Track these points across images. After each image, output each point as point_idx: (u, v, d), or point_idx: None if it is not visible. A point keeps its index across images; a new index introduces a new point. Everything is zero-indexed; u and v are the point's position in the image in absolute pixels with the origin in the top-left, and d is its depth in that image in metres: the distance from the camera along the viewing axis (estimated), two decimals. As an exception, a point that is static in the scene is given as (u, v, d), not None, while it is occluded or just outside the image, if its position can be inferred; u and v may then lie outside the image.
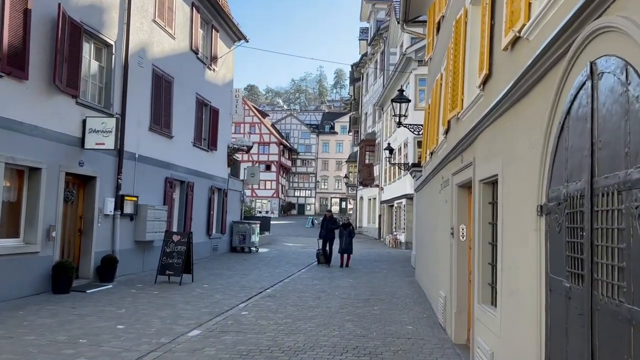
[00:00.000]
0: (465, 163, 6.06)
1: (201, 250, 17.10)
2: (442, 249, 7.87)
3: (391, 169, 29.16)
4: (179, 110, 15.12)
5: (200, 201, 17.03)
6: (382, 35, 33.73)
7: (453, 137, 7.37)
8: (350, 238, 16.31)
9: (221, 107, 18.60)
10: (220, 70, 18.72)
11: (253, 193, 67.03)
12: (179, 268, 11.47)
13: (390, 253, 22.45)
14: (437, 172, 8.88)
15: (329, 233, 16.51)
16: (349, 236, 16.30)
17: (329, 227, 16.53)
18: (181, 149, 15.44)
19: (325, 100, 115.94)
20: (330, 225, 16.57)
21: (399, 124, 13.47)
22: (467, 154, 5.99)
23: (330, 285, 12.06)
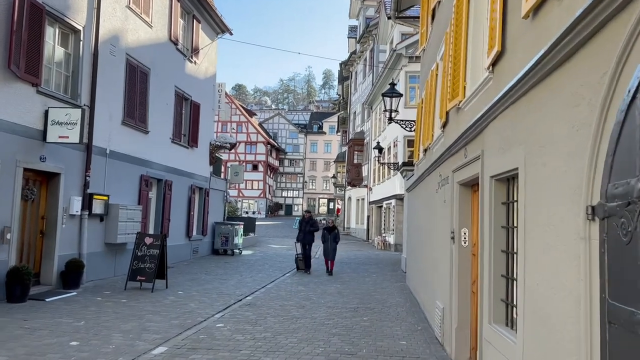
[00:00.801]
0: (470, 158, 5.25)
1: (180, 253, 16.17)
2: (440, 254, 7.06)
3: (380, 168, 28.40)
4: (156, 103, 14.18)
5: (180, 201, 16.09)
6: (372, 33, 32.97)
7: (453, 130, 6.57)
8: (335, 243, 14.81)
9: (203, 101, 17.66)
10: (202, 64, 17.79)
11: (240, 193, 66.00)
12: (151, 273, 10.55)
13: (379, 255, 21.67)
14: (433, 169, 8.08)
15: (308, 236, 14.86)
16: (333, 241, 14.78)
17: (308, 229, 14.92)
18: (158, 145, 14.49)
19: (314, 100, 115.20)
20: (309, 227, 14.93)
21: (390, 119, 12.68)
22: (473, 147, 5.18)
23: (316, 292, 11.21)
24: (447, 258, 6.43)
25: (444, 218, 6.81)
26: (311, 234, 14.89)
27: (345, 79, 43.96)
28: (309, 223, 14.98)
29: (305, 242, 14.85)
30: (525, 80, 3.39)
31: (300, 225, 15.37)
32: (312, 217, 15.39)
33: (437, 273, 7.29)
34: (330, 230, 15.01)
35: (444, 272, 6.64)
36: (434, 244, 7.76)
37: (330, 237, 14.77)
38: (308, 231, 14.81)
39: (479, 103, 5.18)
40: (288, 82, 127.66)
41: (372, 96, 30.64)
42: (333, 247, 14.72)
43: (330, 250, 14.63)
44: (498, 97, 3.99)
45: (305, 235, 14.81)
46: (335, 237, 14.87)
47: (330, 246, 14.68)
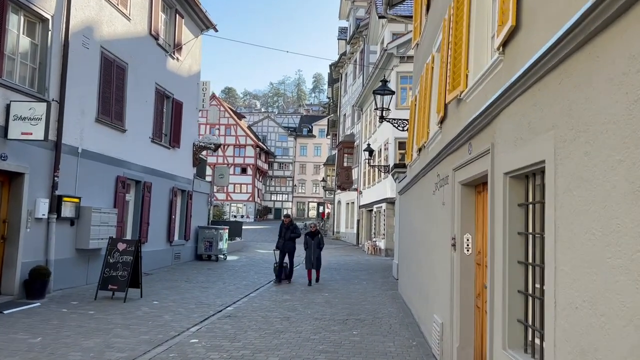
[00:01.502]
0: (475, 153, 4.57)
1: (160, 259, 15.36)
2: (438, 263, 6.37)
3: (370, 171, 27.75)
4: (134, 100, 13.39)
5: (160, 204, 15.27)
6: (362, 33, 32.38)
7: (453, 125, 5.90)
8: (319, 250, 13.27)
9: (186, 100, 16.89)
10: (186, 61, 17.02)
11: (228, 197, 65.09)
12: (124, 282, 9.75)
13: (370, 261, 20.98)
14: (429, 169, 7.40)
15: (288, 243, 13.28)
16: (317, 247, 13.20)
17: (288, 235, 13.35)
18: (137, 145, 13.69)
19: (304, 103, 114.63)
20: (289, 233, 13.37)
21: (382, 118, 12.01)
22: (479, 141, 4.50)
23: (303, 301, 10.47)
24: (446, 267, 5.74)
25: (442, 222, 6.12)
26: (292, 240, 13.36)
27: (335, 81, 43.35)
28: (289, 229, 13.44)
29: (286, 249, 13.29)
30: (555, 51, 2.71)
31: (279, 231, 13.69)
32: (293, 222, 13.81)
33: (434, 283, 6.60)
34: (313, 236, 13.38)
35: (443, 283, 5.94)
36: (430, 251, 7.06)
37: (314, 243, 13.18)
38: (288, 238, 13.29)
39: (485, 91, 4.51)
40: (278, 85, 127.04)
41: (363, 97, 30.02)
42: (317, 254, 13.19)
43: (314, 258, 13.08)
44: (515, 78, 3.30)
45: (285, 242, 13.25)
46: (318, 242, 13.26)
47: (313, 253, 13.12)
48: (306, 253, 13.30)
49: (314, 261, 13.04)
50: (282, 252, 13.30)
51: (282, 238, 13.36)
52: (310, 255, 13.10)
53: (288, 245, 13.29)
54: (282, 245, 13.29)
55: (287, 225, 13.53)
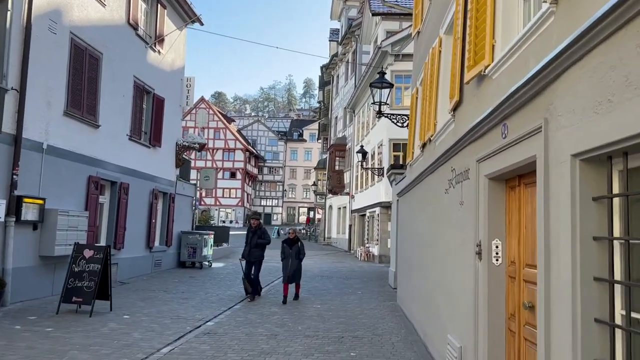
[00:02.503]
0: (514, 136, 3.57)
1: (139, 267, 14.21)
2: (454, 273, 5.36)
3: (363, 175, 26.78)
4: (109, 94, 12.28)
5: (138, 207, 14.14)
6: (354, 33, 31.49)
7: (474, 108, 4.92)
8: (298, 260, 11.16)
9: (168, 96, 15.80)
10: (168, 55, 15.95)
11: (217, 201, 63.89)
12: (90, 293, 8.62)
13: (363, 268, 19.94)
14: (440, 164, 6.40)
15: (254, 251, 11.07)
16: (296, 257, 11.11)
17: (255, 241, 11.08)
18: (112, 142, 12.58)
19: (295, 108, 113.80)
20: (256, 239, 11.11)
21: (380, 113, 11.02)
22: (522, 119, 3.50)
23: (293, 315, 9.40)
24: (467, 280, 4.72)
25: (460, 225, 5.11)
26: (259, 248, 11.13)
27: (327, 83, 42.44)
28: (257, 234, 11.16)
29: (251, 259, 11.08)
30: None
31: (246, 237, 11.40)
32: (261, 226, 11.52)
33: (448, 298, 5.57)
34: (292, 243, 11.21)
35: (462, 299, 4.92)
36: (441, 259, 6.04)
37: (292, 252, 11.05)
38: (255, 244, 11.05)
39: (525, 57, 3.53)
40: (268, 90, 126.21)
41: (355, 99, 29.08)
42: (296, 266, 11.05)
43: (292, 270, 10.98)
44: (602, 14, 2.30)
45: (251, 249, 11.06)
46: (298, 252, 11.13)
47: (291, 265, 10.97)
48: (283, 264, 11.18)
49: (291, 274, 10.96)
50: (247, 262, 11.17)
51: (249, 245, 11.14)
52: (287, 266, 11.03)
53: (254, 253, 11.07)
54: (247, 254, 11.15)
55: (254, 229, 11.26)
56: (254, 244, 11.07)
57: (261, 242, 11.18)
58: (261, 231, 11.28)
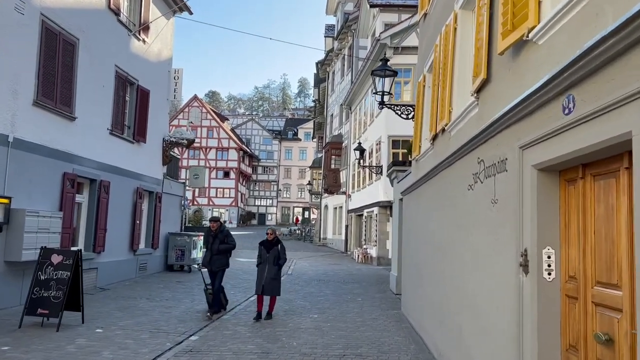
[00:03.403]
0: (589, 109, 2.62)
1: (121, 271, 13.21)
2: (483, 288, 4.42)
3: (360, 173, 25.84)
4: (87, 83, 11.27)
5: (121, 206, 13.13)
6: (351, 27, 30.55)
7: (512, 83, 3.99)
8: (277, 267, 9.07)
9: (154, 89, 14.78)
10: (154, 44, 14.93)
11: (210, 201, 62.79)
12: (58, 304, 7.62)
13: (361, 270, 18.99)
14: (460, 157, 5.45)
15: (216, 258, 9.30)
16: (274, 263, 9.03)
17: (216, 247, 9.33)
18: (91, 137, 11.57)
19: (289, 107, 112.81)
20: (218, 243, 9.33)
21: (382, 104, 10.07)
22: (608, 85, 2.55)
23: (286, 327, 8.43)
24: (505, 298, 3.78)
25: (493, 230, 4.16)
26: (223, 254, 9.38)
27: (322, 81, 41.43)
28: (218, 237, 9.37)
29: (214, 267, 9.31)
30: None
31: (205, 241, 9.74)
32: (224, 227, 9.68)
33: (476, 319, 4.63)
34: (270, 246, 9.16)
35: (496, 321, 3.98)
36: (465, 269, 5.09)
37: (270, 257, 9.03)
38: (217, 250, 9.31)
39: (603, 1, 2.59)
40: (263, 89, 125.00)
41: (352, 95, 28.15)
42: (273, 273, 8.97)
43: (268, 278, 8.91)
44: None
45: (212, 256, 9.30)
46: (277, 256, 9.07)
47: (267, 272, 8.94)
48: (258, 270, 9.13)
49: (267, 282, 8.90)
50: (209, 272, 9.46)
51: (209, 251, 9.40)
52: (262, 274, 8.99)
53: (217, 261, 9.27)
54: (209, 261, 9.37)
55: (214, 233, 9.44)
56: (215, 250, 9.31)
57: (224, 247, 9.38)
58: (223, 234, 9.46)
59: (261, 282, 8.97)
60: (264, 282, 8.93)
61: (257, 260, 9.33)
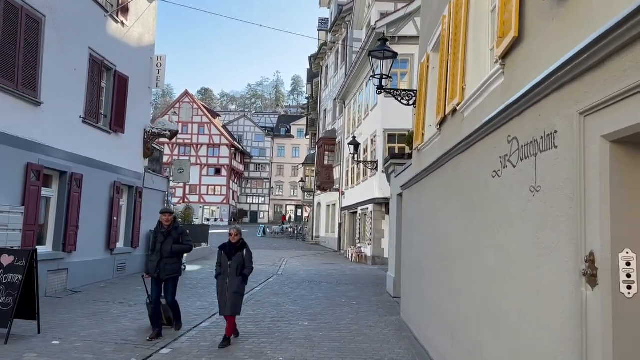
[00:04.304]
0: None
1: (97, 272, 12.18)
2: (517, 300, 3.46)
3: (355, 169, 24.89)
4: (56, 65, 10.24)
5: (96, 202, 12.09)
6: (345, 19, 29.57)
7: (554, 38, 3.04)
8: (241, 278, 6.96)
9: (134, 75, 13.73)
10: (135, 28, 13.88)
11: (201, 199, 61.67)
12: (6, 312, 6.61)
13: (355, 271, 18.05)
14: (480, 137, 4.49)
15: (168, 262, 7.34)
16: (237, 273, 6.93)
17: (168, 248, 7.37)
18: (61, 125, 10.54)
19: (282, 105, 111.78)
20: (171, 244, 7.39)
21: (380, 88, 9.11)
22: None
23: (273, 338, 7.45)
24: (558, 316, 2.82)
25: (534, 226, 3.20)
26: (176, 258, 7.48)
27: (315, 75, 40.45)
28: (171, 235, 7.42)
29: (162, 275, 7.32)
30: None
31: (153, 241, 7.67)
32: (178, 224, 7.80)
33: (504, 337, 3.67)
34: (233, 251, 6.99)
35: (543, 346, 3.01)
36: (488, 275, 4.14)
37: (232, 266, 6.90)
38: (169, 253, 7.33)
39: None
40: (256, 87, 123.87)
41: (346, 88, 27.21)
42: (236, 286, 6.87)
43: (230, 292, 6.83)
44: None
45: (162, 259, 7.29)
46: (241, 264, 6.95)
47: (229, 285, 6.85)
48: (218, 282, 7.00)
49: (228, 297, 6.82)
50: (156, 280, 7.38)
51: (159, 253, 7.34)
52: (223, 287, 6.88)
53: (167, 266, 7.31)
54: (155, 267, 7.32)
55: (167, 229, 7.45)
56: (167, 252, 7.30)
57: (178, 248, 7.43)
58: (178, 232, 7.51)
59: (224, 300, 6.85)
60: (226, 297, 6.84)
61: (215, 269, 7.10)
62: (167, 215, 7.62)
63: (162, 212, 7.77)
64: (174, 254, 7.45)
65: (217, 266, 7.13)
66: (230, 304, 6.83)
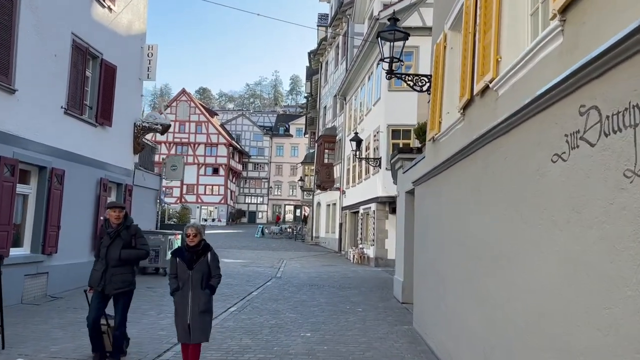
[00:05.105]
0: None
1: (81, 276, 11.03)
2: (597, 321, 2.55)
3: (356, 167, 24.01)
4: (33, 50, 9.34)
5: (80, 200, 11.19)
6: (345, 13, 28.70)
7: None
8: (206, 295, 5.21)
9: (122, 65, 12.82)
10: (124, 15, 12.98)
11: (198, 199, 60.74)
12: (-37, 327, 5.71)
13: (358, 273, 17.16)
14: (530, 115, 3.60)
15: (118, 271, 5.68)
16: (202, 286, 5.19)
17: (115, 254, 5.66)
18: (39, 115, 9.63)
19: (281, 104, 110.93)
20: (120, 246, 5.70)
21: (391, 72, 8.21)
22: None
23: (272, 354, 6.54)
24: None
25: (627, 226, 2.30)
26: (127, 267, 5.81)
27: (315, 72, 39.55)
28: (121, 236, 5.75)
29: (109, 289, 5.71)
30: None
31: (97, 246, 5.92)
32: (130, 222, 5.94)
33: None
34: (194, 258, 5.25)
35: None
36: (545, 288, 3.24)
37: (194, 277, 5.18)
38: (116, 261, 5.67)
39: None
40: (254, 86, 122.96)
41: (347, 84, 26.34)
42: (203, 304, 5.18)
43: (195, 311, 5.15)
44: None
45: (109, 269, 5.67)
46: (205, 273, 5.25)
47: (192, 302, 5.15)
48: (175, 300, 5.29)
49: (190, 322, 5.15)
50: (100, 295, 5.74)
51: (104, 260, 5.69)
52: (184, 306, 5.17)
53: (116, 277, 5.67)
54: (100, 278, 5.67)
55: (115, 229, 5.76)
56: (114, 258, 5.63)
57: (129, 254, 5.73)
58: (129, 232, 5.79)
59: (185, 322, 5.13)
60: (189, 320, 5.12)
61: (170, 283, 5.29)
62: (117, 210, 5.83)
63: (109, 207, 6.04)
64: (123, 261, 5.70)
65: (171, 279, 5.28)
66: (198, 328, 5.13)
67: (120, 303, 5.84)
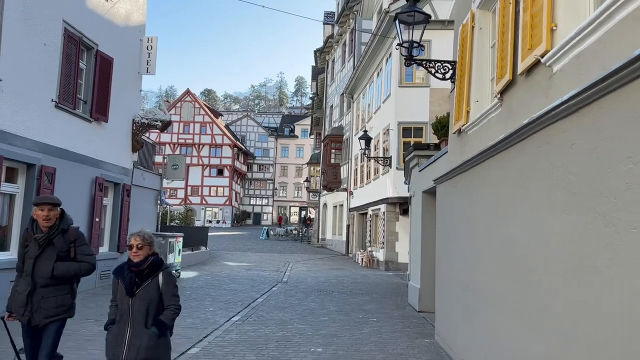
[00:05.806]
0: None
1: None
2: None
3: (364, 167, 23.21)
4: (20, 39, 8.60)
5: (73, 200, 10.39)
6: (353, 9, 27.94)
7: None
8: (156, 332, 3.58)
9: (120, 57, 12.08)
10: (122, 4, 12.24)
11: (203, 200, 60.07)
12: None
13: (368, 277, 16.34)
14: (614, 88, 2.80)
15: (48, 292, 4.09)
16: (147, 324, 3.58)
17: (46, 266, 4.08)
18: (26, 108, 8.90)
19: (286, 105, 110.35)
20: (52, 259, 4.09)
21: (410, 58, 7.40)
22: None
23: (279, 372, 5.77)
24: None
25: None
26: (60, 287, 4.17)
27: (320, 72, 38.78)
28: (51, 243, 4.13)
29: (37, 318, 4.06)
30: None
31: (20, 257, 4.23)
32: (68, 223, 4.31)
33: None
34: (136, 279, 3.71)
35: None
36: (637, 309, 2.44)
37: (135, 305, 3.63)
38: (46, 279, 4.08)
39: None
40: (259, 88, 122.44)
41: (354, 81, 25.56)
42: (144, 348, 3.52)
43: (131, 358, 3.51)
44: None
45: (36, 290, 4.08)
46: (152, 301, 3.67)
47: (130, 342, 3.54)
48: (106, 337, 3.73)
49: None
50: (30, 330, 4.15)
51: (29, 277, 4.10)
52: (119, 346, 3.57)
53: (46, 302, 4.09)
54: (24, 304, 4.08)
55: (47, 233, 4.15)
56: (43, 275, 4.11)
57: (64, 270, 4.14)
58: (67, 238, 4.25)
59: None
60: None
61: (109, 312, 3.83)
62: (47, 209, 4.18)
63: (36, 204, 4.28)
64: (57, 278, 4.14)
65: (111, 307, 3.84)
66: None
67: (51, 334, 4.13)
